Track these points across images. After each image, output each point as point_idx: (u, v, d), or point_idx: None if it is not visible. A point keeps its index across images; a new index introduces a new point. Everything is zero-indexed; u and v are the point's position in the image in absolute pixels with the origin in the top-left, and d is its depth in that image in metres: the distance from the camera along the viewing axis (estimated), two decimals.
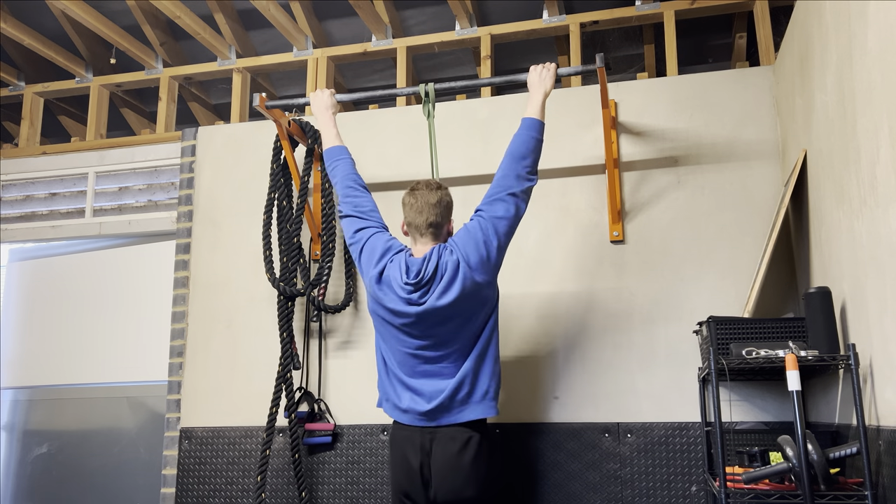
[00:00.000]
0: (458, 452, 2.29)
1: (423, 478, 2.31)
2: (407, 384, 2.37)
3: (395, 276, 2.35)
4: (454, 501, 2.29)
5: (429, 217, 2.37)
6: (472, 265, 2.30)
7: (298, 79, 4.35)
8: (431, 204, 2.37)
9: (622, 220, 3.02)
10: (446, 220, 2.42)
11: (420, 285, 2.30)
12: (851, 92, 2.02)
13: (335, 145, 2.67)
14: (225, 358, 3.30)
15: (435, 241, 2.40)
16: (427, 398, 2.32)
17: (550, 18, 3.52)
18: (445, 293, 2.29)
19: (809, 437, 1.98)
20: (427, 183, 2.43)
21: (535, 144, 2.44)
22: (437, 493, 2.29)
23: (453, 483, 2.28)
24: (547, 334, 2.99)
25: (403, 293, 2.32)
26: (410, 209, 2.40)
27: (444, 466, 2.29)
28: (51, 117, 4.52)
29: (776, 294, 2.84)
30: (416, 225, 2.39)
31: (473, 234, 2.34)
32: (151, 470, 3.46)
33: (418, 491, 2.32)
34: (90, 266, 3.85)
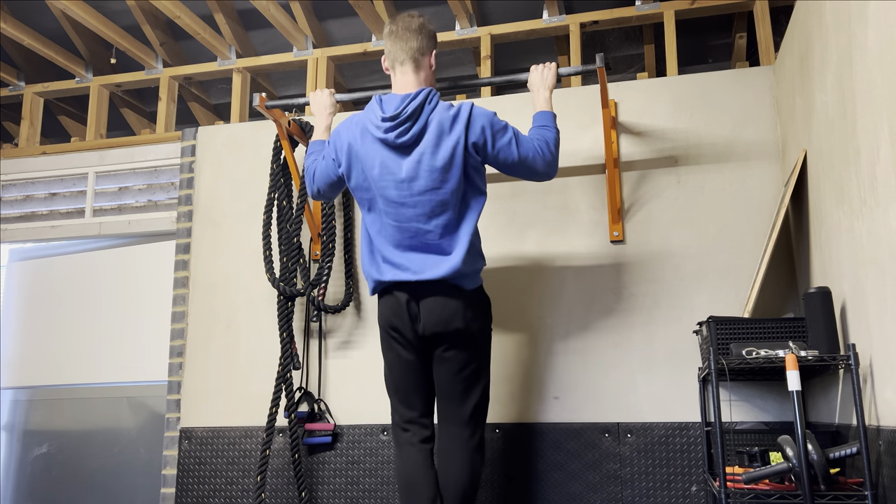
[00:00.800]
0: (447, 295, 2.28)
1: (411, 311, 2.30)
2: (389, 259, 2.31)
3: (370, 118, 2.29)
4: (442, 333, 2.28)
5: (410, 41, 2.32)
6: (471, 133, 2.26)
7: (298, 79, 4.35)
8: (413, 29, 2.33)
9: (622, 220, 3.02)
10: (428, 49, 2.36)
11: (398, 121, 2.23)
12: (851, 92, 2.02)
13: (319, 139, 2.66)
14: (225, 358, 3.30)
15: (416, 71, 2.34)
16: (412, 270, 2.28)
17: (550, 18, 3.52)
18: (436, 150, 2.24)
19: (809, 437, 1.98)
20: (408, 14, 2.39)
21: (555, 135, 2.44)
22: (425, 325, 2.28)
23: (441, 313, 2.27)
24: (547, 334, 2.99)
25: (379, 132, 2.26)
26: (390, 37, 2.34)
27: (434, 301, 2.27)
28: (51, 117, 4.52)
29: (776, 294, 2.84)
30: (396, 53, 2.33)
31: (495, 121, 2.30)
32: (151, 470, 3.46)
33: (405, 324, 2.30)
34: (90, 266, 3.85)
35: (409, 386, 2.37)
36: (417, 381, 2.37)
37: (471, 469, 2.32)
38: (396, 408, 2.41)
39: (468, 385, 2.34)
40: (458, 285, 2.30)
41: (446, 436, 2.36)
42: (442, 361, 2.33)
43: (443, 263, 2.27)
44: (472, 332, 2.33)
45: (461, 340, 2.31)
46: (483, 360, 2.39)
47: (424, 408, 2.39)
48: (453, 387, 2.34)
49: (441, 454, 2.36)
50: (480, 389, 2.38)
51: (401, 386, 2.39)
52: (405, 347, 2.35)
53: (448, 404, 2.36)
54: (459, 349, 2.32)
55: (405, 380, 2.38)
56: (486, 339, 2.42)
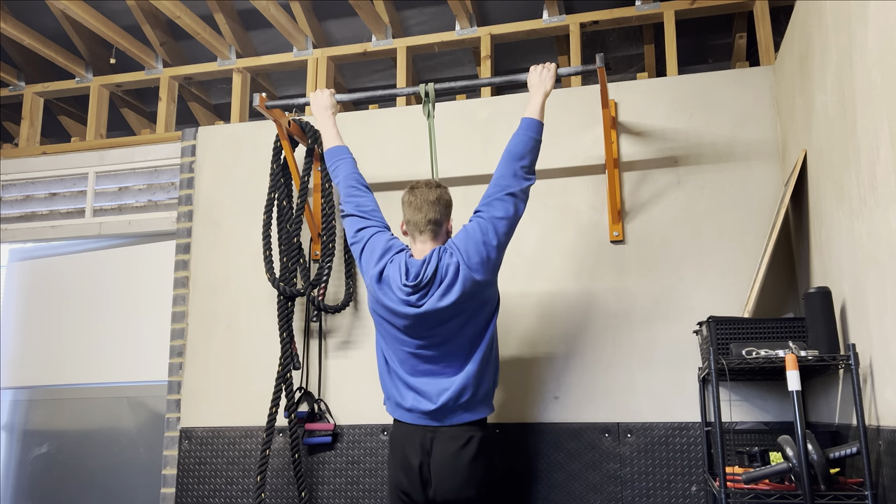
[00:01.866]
0: (458, 450, 2.29)
1: (423, 477, 2.31)
2: (409, 383, 2.37)
3: (395, 276, 2.35)
4: (454, 500, 2.29)
5: (428, 214, 2.36)
6: (472, 266, 2.30)
7: (298, 79, 4.35)
8: (431, 201, 2.37)
9: (622, 220, 3.02)
10: (445, 218, 2.42)
11: (419, 287, 2.30)
12: (851, 92, 2.02)
13: (336, 145, 2.67)
14: (225, 358, 3.30)
15: (434, 239, 2.39)
16: (431, 398, 2.33)
17: (550, 18, 3.52)
18: (446, 295, 2.29)
19: (809, 437, 1.98)
20: (427, 182, 2.43)
21: (534, 145, 2.44)
22: (436, 492, 2.30)
23: (453, 482, 2.28)
24: (547, 334, 2.99)
25: (402, 294, 2.32)
26: (409, 207, 2.40)
27: (445, 465, 2.29)
28: (51, 117, 4.52)
29: (776, 294, 2.84)
30: (416, 222, 2.39)
31: (473, 234, 2.34)
32: (151, 470, 3.46)
33: (417, 489, 2.32)
34: (90, 266, 3.85)
35: None
36: None
37: None
38: None
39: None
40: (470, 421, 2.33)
41: None
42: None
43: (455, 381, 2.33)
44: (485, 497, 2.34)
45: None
46: None
47: None
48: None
49: None
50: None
51: None
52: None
53: None
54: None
55: None
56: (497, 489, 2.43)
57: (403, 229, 2.46)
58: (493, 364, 2.41)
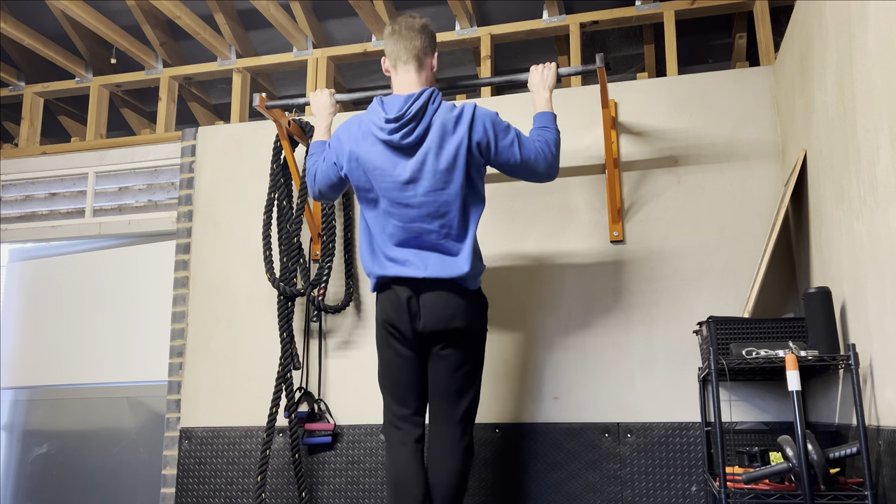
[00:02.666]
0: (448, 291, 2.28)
1: (411, 309, 2.29)
2: (391, 255, 2.31)
3: (372, 119, 2.28)
4: (442, 331, 2.28)
5: (413, 41, 2.31)
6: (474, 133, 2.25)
7: (298, 79, 4.35)
8: (416, 29, 2.32)
9: (622, 220, 3.02)
10: (431, 50, 2.36)
11: (402, 122, 2.22)
12: (851, 92, 2.02)
13: (320, 140, 2.65)
14: (225, 358, 3.30)
15: (419, 70, 2.33)
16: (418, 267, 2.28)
17: (550, 18, 3.52)
18: (440, 151, 2.23)
19: (809, 437, 1.98)
20: (408, 16, 2.38)
21: (556, 136, 2.43)
22: (425, 322, 2.28)
23: (443, 312, 2.27)
24: (546, 334, 2.99)
25: (383, 134, 2.24)
26: (392, 38, 2.33)
27: (435, 297, 2.27)
28: (51, 117, 4.52)
29: (776, 294, 2.84)
30: (399, 53, 2.32)
31: (497, 122, 2.30)
32: (151, 470, 3.46)
33: (405, 322, 2.29)
34: (90, 266, 3.85)
35: (404, 383, 2.37)
36: (413, 378, 2.37)
37: (460, 468, 2.32)
38: (390, 405, 2.41)
39: (463, 385, 2.35)
40: (461, 285, 2.31)
41: (437, 435, 2.36)
42: (439, 359, 2.33)
43: (449, 264, 2.28)
44: (471, 331, 2.33)
45: (460, 339, 2.31)
46: (478, 362, 2.39)
47: (418, 406, 2.39)
48: (448, 386, 2.34)
49: (431, 453, 2.36)
50: (474, 390, 2.38)
51: (396, 383, 2.38)
52: (403, 344, 2.34)
53: (441, 403, 2.36)
54: (457, 348, 2.32)
55: (401, 377, 2.37)
56: (483, 341, 2.42)
57: (385, 67, 2.40)
58: (477, 252, 2.37)
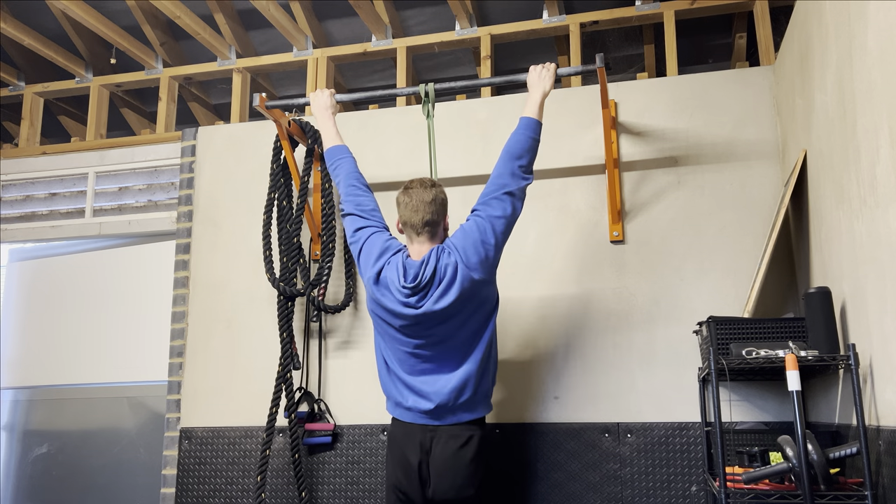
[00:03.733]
0: (458, 449, 2.30)
1: (421, 476, 2.32)
2: (408, 383, 2.37)
3: (393, 278, 2.34)
4: (453, 500, 2.29)
5: (424, 216, 2.36)
6: (470, 265, 2.30)
7: (298, 79, 4.35)
8: (426, 202, 2.36)
9: (622, 220, 3.02)
10: (442, 217, 2.41)
11: (418, 289, 2.30)
12: (851, 92, 2.02)
13: (336, 144, 2.67)
14: (225, 358, 3.30)
15: (431, 239, 2.39)
16: (430, 397, 2.33)
17: (550, 18, 3.52)
18: (444, 296, 2.29)
19: (809, 437, 1.98)
20: (421, 181, 2.41)
21: (532, 144, 2.44)
22: (435, 491, 2.30)
23: (454, 481, 2.28)
24: (547, 334, 2.99)
25: (401, 296, 2.32)
26: (405, 208, 2.39)
27: (444, 464, 2.29)
28: (51, 117, 4.52)
29: (776, 294, 2.84)
30: (412, 224, 2.38)
31: (471, 233, 2.34)
32: (151, 470, 3.46)
33: (415, 489, 2.32)
34: (90, 266, 3.85)
35: None
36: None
37: None
38: None
39: None
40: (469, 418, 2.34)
41: None
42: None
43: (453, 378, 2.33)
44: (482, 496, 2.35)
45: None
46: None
47: None
48: None
49: None
50: None
51: None
52: None
53: None
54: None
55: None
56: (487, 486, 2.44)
57: (399, 228, 2.45)
58: (493, 363, 2.41)
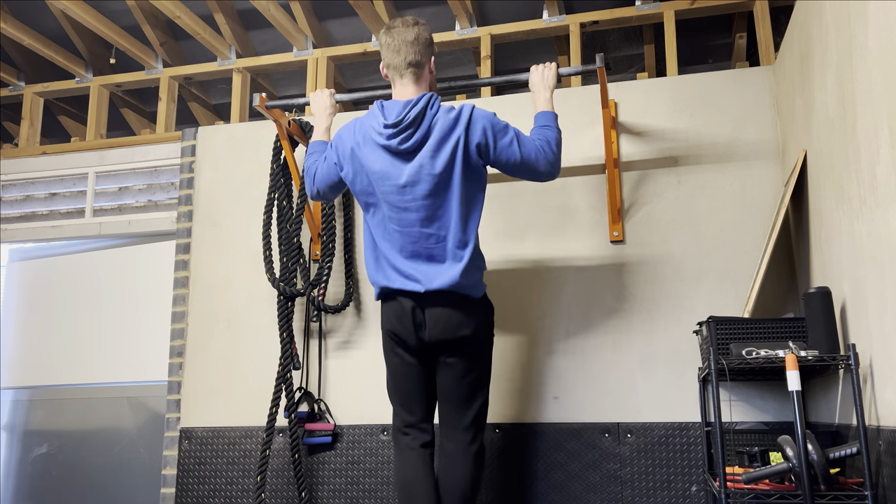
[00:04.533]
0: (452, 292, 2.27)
1: (416, 319, 2.29)
2: (398, 267, 2.30)
3: (372, 124, 2.27)
4: (449, 340, 2.27)
5: (407, 56, 2.30)
6: (473, 134, 2.25)
7: (298, 79, 4.35)
8: (409, 41, 2.30)
9: (622, 220, 3.02)
10: (426, 58, 2.35)
11: (400, 128, 2.22)
12: (851, 92, 2.02)
13: (320, 139, 2.65)
14: (225, 358, 3.30)
15: (417, 81, 2.33)
16: (420, 282, 2.27)
17: (550, 18, 3.52)
18: (437, 154, 2.23)
19: (809, 437, 1.98)
20: (403, 20, 2.35)
21: (557, 136, 2.41)
22: (430, 331, 2.27)
23: (448, 321, 2.26)
24: (546, 334, 2.99)
25: (382, 139, 2.24)
26: (387, 49, 2.32)
27: (440, 308, 2.27)
28: (51, 117, 4.52)
29: (776, 294, 2.84)
30: (395, 65, 2.32)
31: (496, 124, 2.29)
32: (151, 470, 3.46)
33: (409, 331, 2.29)
34: (90, 266, 3.85)
35: (411, 391, 2.37)
36: (419, 386, 2.37)
37: (472, 474, 2.33)
38: (398, 412, 2.41)
39: (471, 391, 2.35)
40: (465, 294, 2.30)
41: (448, 441, 2.36)
42: (446, 367, 2.33)
43: (447, 272, 2.27)
44: (477, 339, 2.33)
45: (466, 347, 2.31)
46: (485, 367, 2.39)
47: (425, 413, 2.39)
48: (456, 392, 2.34)
49: (442, 459, 2.37)
50: (482, 397, 2.38)
51: (403, 391, 2.39)
52: (409, 353, 2.35)
53: (450, 410, 2.36)
54: (463, 356, 2.32)
55: (407, 385, 2.38)
56: (489, 346, 2.42)
57: (384, 73, 2.40)
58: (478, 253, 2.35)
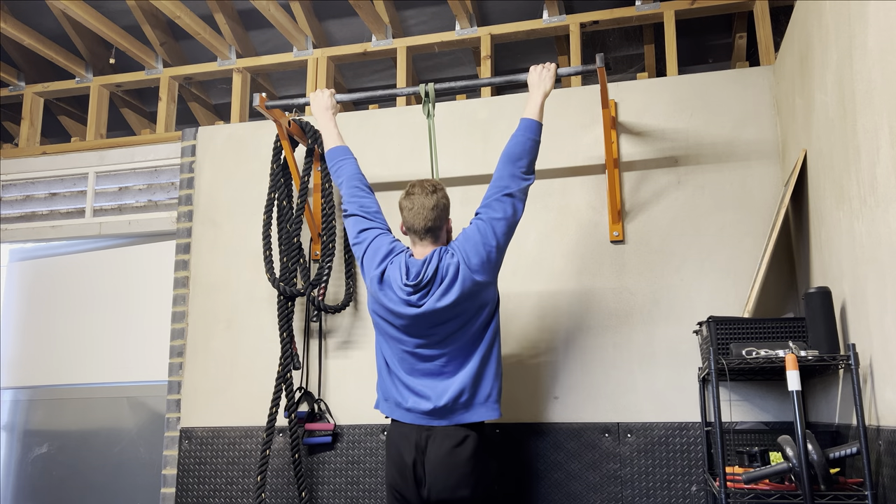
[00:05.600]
0: (453, 449, 2.28)
1: (416, 476, 2.31)
2: (408, 384, 2.37)
3: (396, 277, 2.36)
4: (448, 500, 2.28)
5: (426, 223, 2.37)
6: (472, 267, 2.31)
7: (298, 79, 4.35)
8: (428, 208, 2.37)
9: (622, 220, 3.02)
10: (444, 221, 2.42)
11: (419, 287, 2.31)
12: (851, 92, 2.02)
13: (338, 145, 2.67)
14: (225, 358, 3.30)
15: (435, 242, 2.40)
16: (430, 399, 2.33)
17: (550, 18, 3.52)
18: (446, 294, 2.30)
19: (809, 437, 1.98)
20: (422, 185, 2.41)
21: (532, 145, 2.44)
22: (430, 490, 2.29)
23: (447, 481, 2.27)
24: (547, 334, 2.99)
25: (403, 294, 2.33)
26: (408, 213, 2.40)
27: (439, 464, 2.28)
28: (51, 117, 4.52)
29: (776, 294, 2.84)
30: (415, 229, 2.39)
31: (472, 236, 2.35)
32: (151, 470, 3.46)
33: (411, 488, 2.31)
34: (90, 266, 3.85)
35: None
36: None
37: None
38: None
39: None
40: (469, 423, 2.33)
41: None
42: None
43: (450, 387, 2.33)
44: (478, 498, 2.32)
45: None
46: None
47: None
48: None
49: None
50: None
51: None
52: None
53: None
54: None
55: None
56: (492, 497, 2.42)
57: (403, 230, 2.46)
58: (495, 365, 2.39)
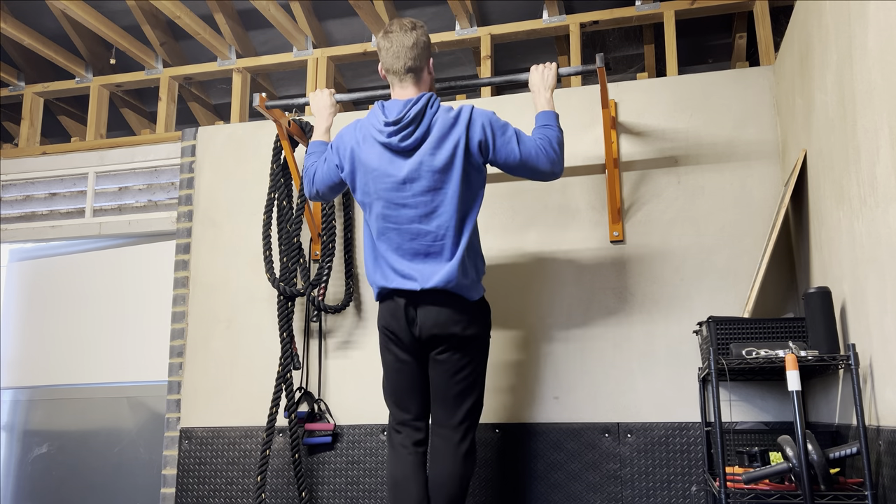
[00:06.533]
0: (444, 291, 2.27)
1: (408, 315, 2.30)
2: (395, 267, 2.31)
3: (373, 122, 2.31)
4: (439, 336, 2.28)
5: (406, 62, 2.32)
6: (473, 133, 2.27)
7: (298, 79, 4.35)
8: (408, 47, 2.32)
9: (622, 220, 3.02)
10: (424, 61, 2.37)
11: (401, 125, 2.25)
12: (851, 92, 2.02)
13: (320, 139, 2.65)
14: (225, 358, 3.30)
15: (416, 83, 2.36)
16: (417, 280, 2.27)
17: (550, 18, 3.52)
18: (437, 151, 2.25)
19: (809, 437, 1.98)
20: (400, 23, 2.36)
21: (559, 135, 2.41)
22: (421, 329, 2.28)
23: (438, 317, 2.27)
24: (546, 334, 2.99)
25: (382, 136, 2.27)
26: (386, 53, 2.34)
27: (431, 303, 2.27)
28: (51, 117, 4.52)
29: (776, 294, 2.84)
30: (395, 70, 2.34)
31: (496, 123, 2.31)
32: (151, 470, 3.46)
33: (402, 327, 2.30)
34: (90, 266, 3.85)
35: (403, 388, 2.38)
36: (412, 383, 2.37)
37: (459, 472, 2.32)
38: (392, 410, 2.42)
39: (462, 389, 2.34)
40: (460, 294, 2.30)
41: (438, 439, 2.36)
42: (437, 364, 2.34)
43: (443, 269, 2.27)
44: (469, 336, 2.33)
45: (458, 344, 2.31)
46: (479, 367, 2.39)
47: (419, 411, 2.39)
48: (447, 390, 2.34)
49: (432, 457, 2.37)
50: (474, 395, 2.38)
51: (396, 388, 2.39)
52: (402, 349, 2.35)
53: (441, 407, 2.36)
54: (455, 353, 2.32)
55: (400, 382, 2.38)
56: (484, 347, 2.42)
57: (382, 74, 2.42)
58: (476, 253, 2.37)
